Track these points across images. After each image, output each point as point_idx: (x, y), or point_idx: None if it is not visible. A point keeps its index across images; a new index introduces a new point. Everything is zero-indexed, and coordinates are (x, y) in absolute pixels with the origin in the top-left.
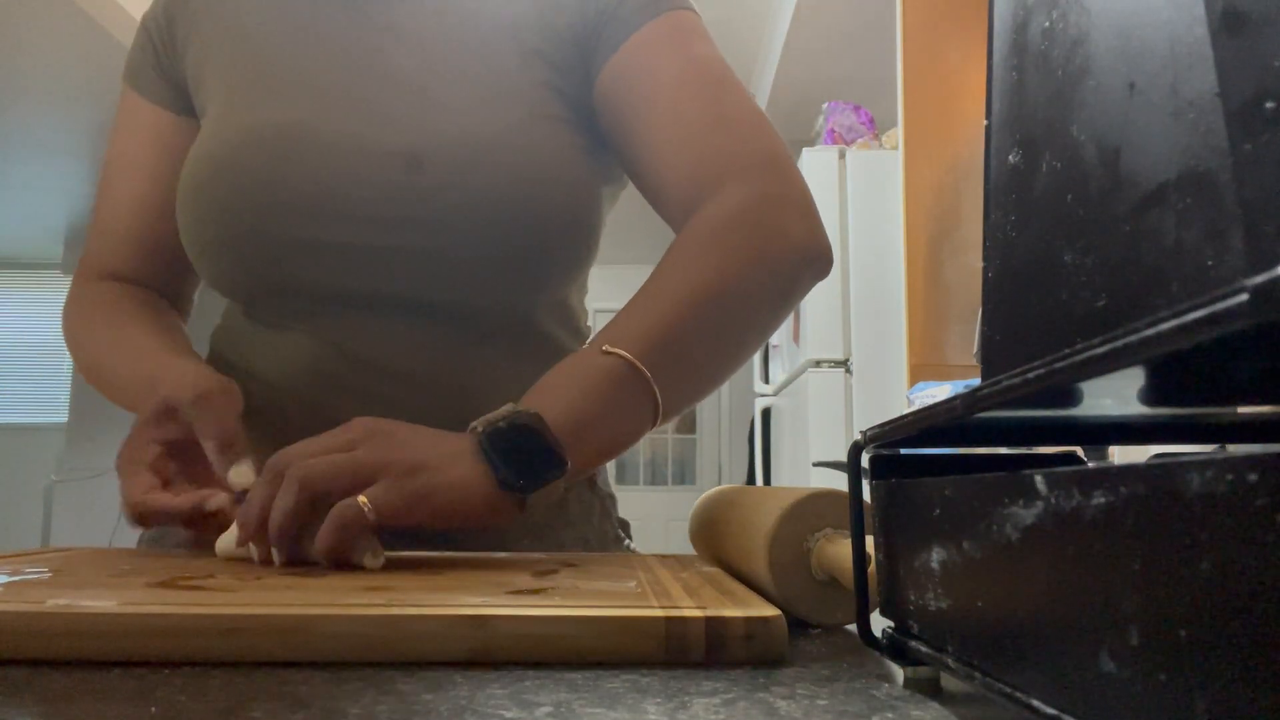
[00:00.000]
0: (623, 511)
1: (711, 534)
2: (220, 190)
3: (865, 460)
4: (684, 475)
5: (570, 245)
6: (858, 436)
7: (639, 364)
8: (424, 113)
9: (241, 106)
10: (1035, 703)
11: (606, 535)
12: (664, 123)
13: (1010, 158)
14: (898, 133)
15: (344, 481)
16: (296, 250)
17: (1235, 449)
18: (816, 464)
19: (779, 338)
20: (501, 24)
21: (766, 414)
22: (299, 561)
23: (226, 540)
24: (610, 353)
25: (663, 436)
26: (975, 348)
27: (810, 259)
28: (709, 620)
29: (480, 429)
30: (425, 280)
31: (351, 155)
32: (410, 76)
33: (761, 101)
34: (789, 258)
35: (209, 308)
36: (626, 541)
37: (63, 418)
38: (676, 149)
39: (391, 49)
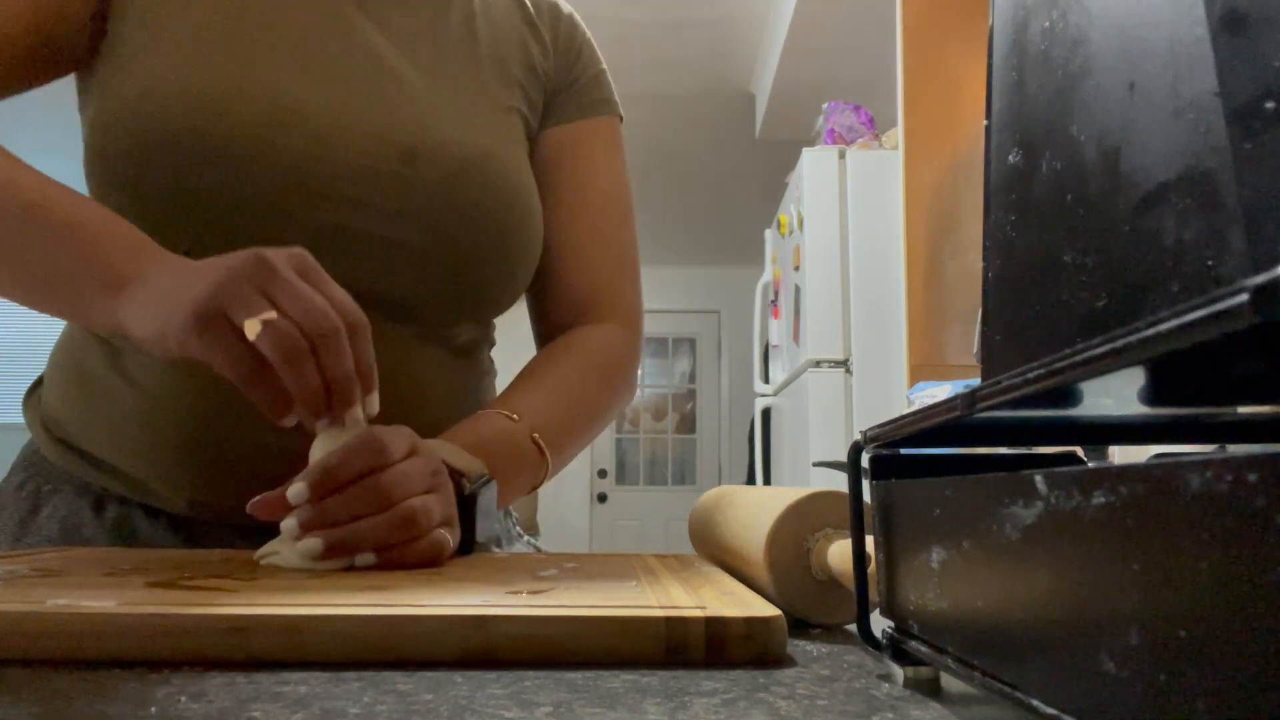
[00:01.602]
0: (622, 511)
1: (711, 534)
2: (194, 135)
3: (865, 460)
4: (684, 475)
5: (529, 265)
6: (858, 436)
7: (549, 457)
8: (417, 110)
9: (212, 54)
10: (1035, 703)
11: (510, 531)
12: (584, 231)
13: (1010, 158)
14: (898, 133)
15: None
16: (270, 222)
17: (1235, 449)
18: (816, 464)
19: (779, 338)
20: (490, 45)
21: (766, 414)
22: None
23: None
24: (533, 439)
25: (663, 436)
26: (975, 348)
27: (630, 400)
28: (709, 620)
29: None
30: (393, 274)
31: (346, 136)
32: (404, 73)
33: (761, 101)
34: (625, 399)
35: None
36: (525, 535)
37: None
38: (584, 260)
39: (383, 44)
